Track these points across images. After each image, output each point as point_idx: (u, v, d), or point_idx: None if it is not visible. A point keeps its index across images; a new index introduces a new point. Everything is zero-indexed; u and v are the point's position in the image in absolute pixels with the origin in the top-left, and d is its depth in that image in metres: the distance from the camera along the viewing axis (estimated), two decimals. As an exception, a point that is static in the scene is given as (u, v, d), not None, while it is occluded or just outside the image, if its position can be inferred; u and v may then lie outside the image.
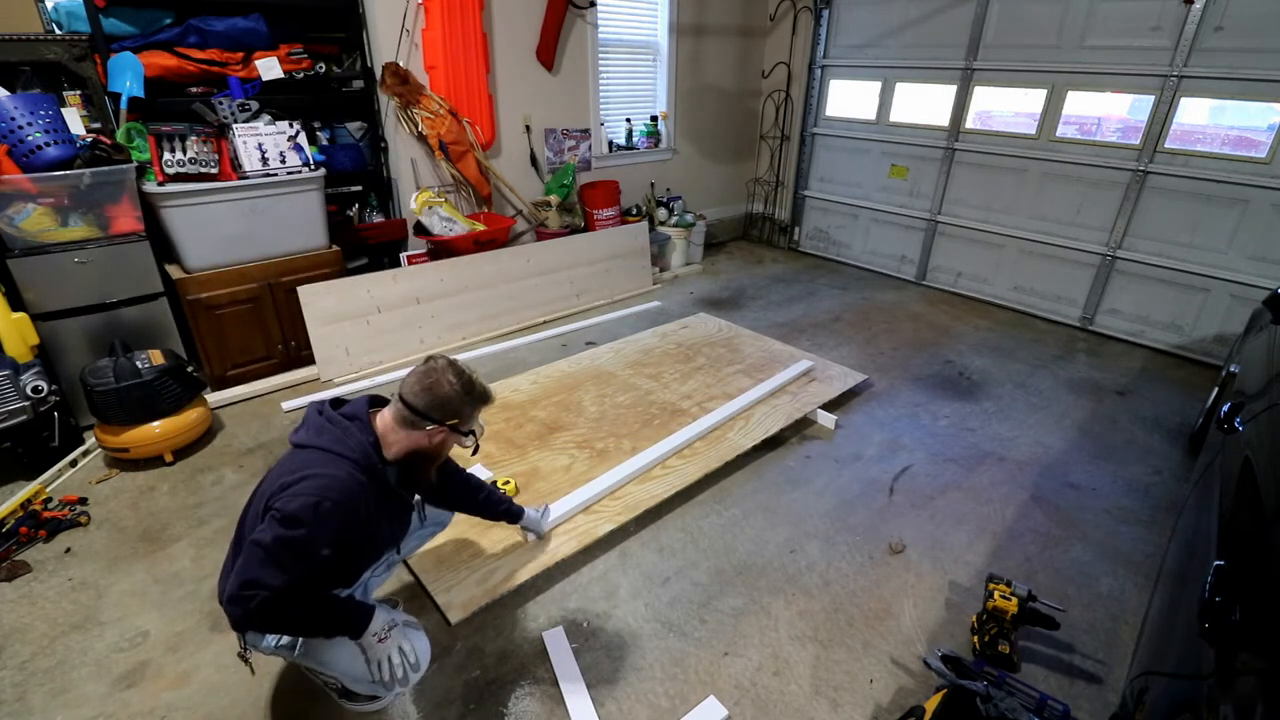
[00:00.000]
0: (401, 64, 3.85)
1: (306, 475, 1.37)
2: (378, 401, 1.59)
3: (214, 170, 2.99)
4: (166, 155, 2.87)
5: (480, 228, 4.18)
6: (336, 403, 1.56)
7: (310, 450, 1.44)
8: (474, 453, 1.60)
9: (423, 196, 4.03)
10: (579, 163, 4.99)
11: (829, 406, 3.23)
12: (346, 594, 1.59)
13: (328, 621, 1.44)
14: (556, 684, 1.83)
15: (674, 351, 3.79)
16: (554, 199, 4.70)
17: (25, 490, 2.52)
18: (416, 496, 1.68)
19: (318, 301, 3.42)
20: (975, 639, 1.94)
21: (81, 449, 2.84)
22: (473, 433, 1.57)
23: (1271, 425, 1.61)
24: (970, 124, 4.79)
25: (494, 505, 2.06)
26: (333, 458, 1.41)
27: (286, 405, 3.23)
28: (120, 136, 2.89)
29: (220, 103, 3.03)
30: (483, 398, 1.55)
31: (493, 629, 2.00)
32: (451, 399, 1.49)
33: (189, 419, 2.79)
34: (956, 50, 4.68)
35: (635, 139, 5.40)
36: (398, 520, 1.65)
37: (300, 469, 1.39)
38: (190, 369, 2.84)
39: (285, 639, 1.50)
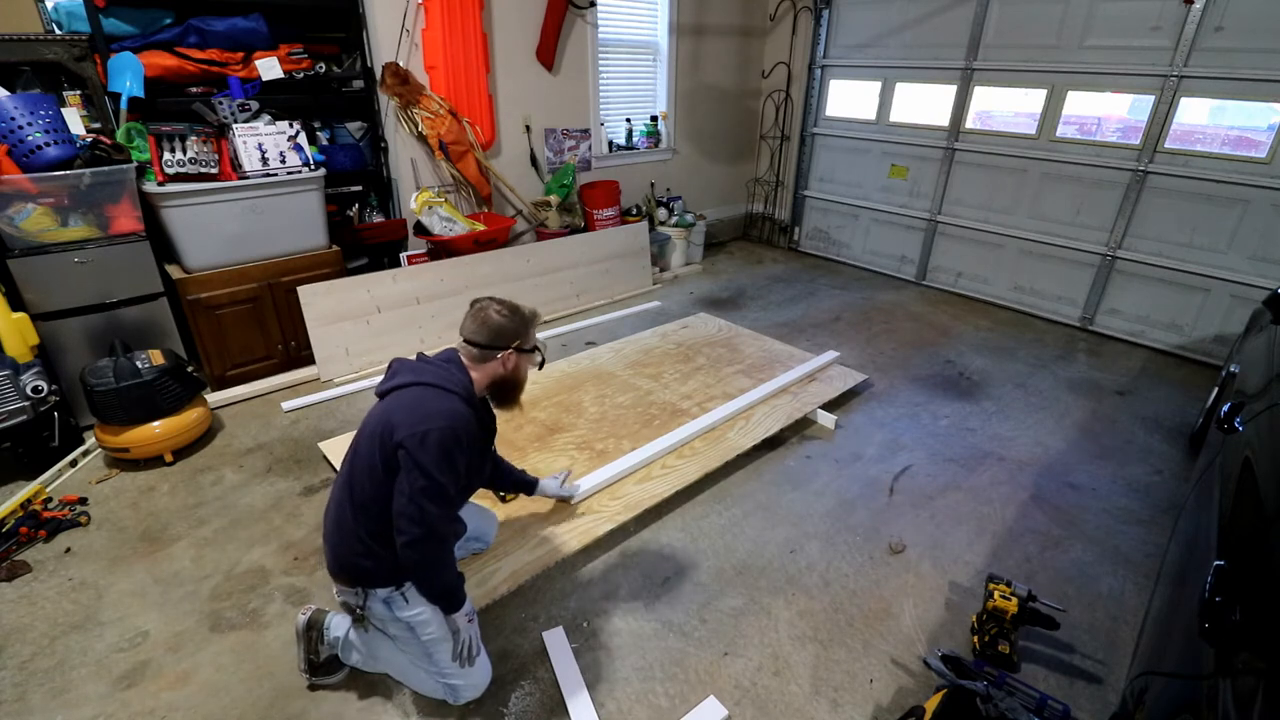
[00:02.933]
0: (401, 64, 3.85)
1: (431, 411, 1.52)
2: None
3: (214, 170, 2.98)
4: (166, 155, 2.87)
5: (480, 228, 4.18)
6: (420, 357, 1.73)
7: (421, 387, 1.58)
8: (541, 366, 1.79)
9: (423, 196, 4.03)
10: (579, 163, 4.99)
11: (829, 406, 3.23)
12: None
13: (452, 579, 1.63)
14: (556, 684, 1.82)
15: (674, 352, 3.79)
16: (554, 199, 4.70)
17: (25, 490, 2.51)
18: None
19: (318, 301, 3.42)
20: (975, 639, 1.94)
21: (81, 449, 2.84)
22: (537, 348, 1.75)
23: (1271, 425, 1.61)
24: (970, 124, 4.79)
25: (508, 475, 2.17)
26: (443, 393, 1.57)
27: (286, 405, 3.23)
28: (120, 136, 2.89)
29: (220, 103, 3.03)
30: (532, 316, 1.74)
31: (493, 629, 2.00)
32: (505, 324, 1.67)
33: (189, 419, 2.79)
34: (956, 50, 4.68)
35: (635, 139, 5.40)
36: (485, 453, 1.86)
37: (420, 403, 1.54)
38: (190, 369, 2.84)
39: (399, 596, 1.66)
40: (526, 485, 2.24)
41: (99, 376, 2.57)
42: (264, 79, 3.26)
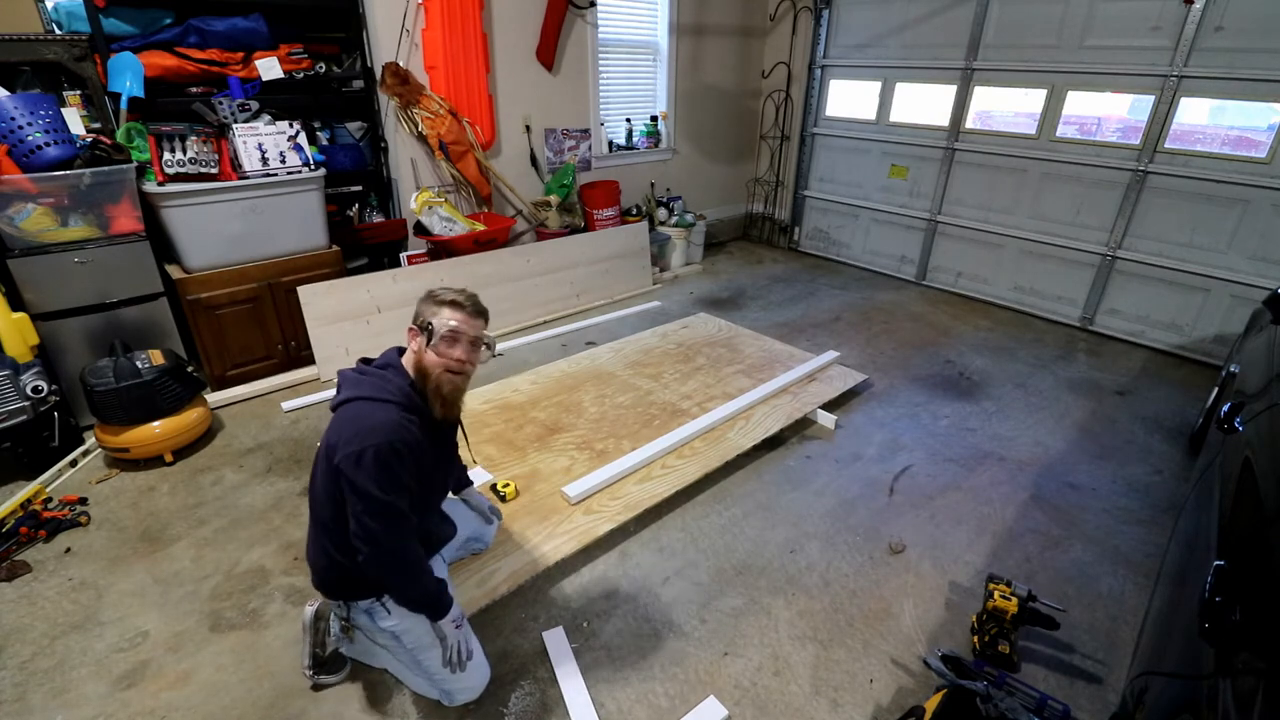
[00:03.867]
0: (401, 64, 3.85)
1: (365, 428, 1.46)
2: (402, 351, 1.68)
3: (214, 170, 2.98)
4: (166, 155, 2.87)
5: (480, 228, 4.18)
6: (366, 360, 1.67)
7: (356, 402, 1.53)
8: (428, 343, 1.58)
9: (423, 196, 4.03)
10: (579, 163, 4.99)
11: (829, 406, 3.23)
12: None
13: (429, 588, 1.60)
14: (556, 684, 1.83)
15: (674, 351, 3.78)
16: (554, 199, 4.70)
17: (25, 490, 2.51)
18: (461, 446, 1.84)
19: (318, 301, 3.42)
20: (975, 639, 1.94)
21: (81, 449, 2.83)
22: (430, 324, 1.58)
23: (1271, 425, 1.61)
24: (970, 124, 4.79)
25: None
26: (377, 405, 1.51)
27: (286, 405, 3.23)
28: (120, 136, 2.88)
29: (220, 103, 3.02)
30: (429, 295, 1.64)
31: (493, 629, 2.00)
32: (418, 304, 1.64)
33: (189, 419, 2.79)
34: (956, 50, 4.68)
35: (635, 139, 5.40)
36: (446, 457, 1.78)
37: (353, 421, 1.49)
38: (190, 369, 2.84)
39: (380, 607, 1.64)
40: (460, 485, 2.10)
41: (99, 376, 2.57)
42: (264, 79, 3.26)
